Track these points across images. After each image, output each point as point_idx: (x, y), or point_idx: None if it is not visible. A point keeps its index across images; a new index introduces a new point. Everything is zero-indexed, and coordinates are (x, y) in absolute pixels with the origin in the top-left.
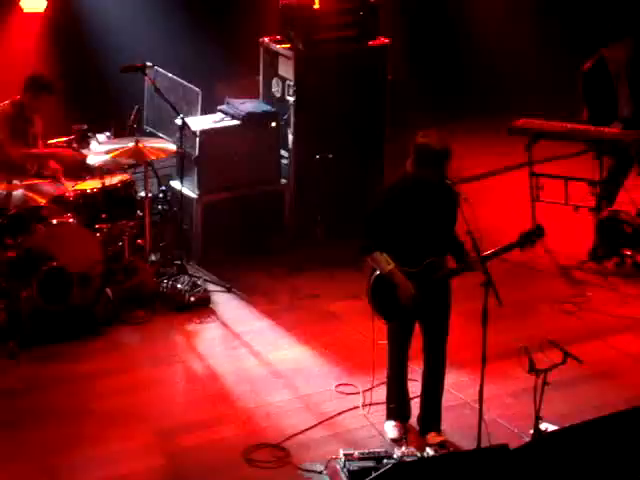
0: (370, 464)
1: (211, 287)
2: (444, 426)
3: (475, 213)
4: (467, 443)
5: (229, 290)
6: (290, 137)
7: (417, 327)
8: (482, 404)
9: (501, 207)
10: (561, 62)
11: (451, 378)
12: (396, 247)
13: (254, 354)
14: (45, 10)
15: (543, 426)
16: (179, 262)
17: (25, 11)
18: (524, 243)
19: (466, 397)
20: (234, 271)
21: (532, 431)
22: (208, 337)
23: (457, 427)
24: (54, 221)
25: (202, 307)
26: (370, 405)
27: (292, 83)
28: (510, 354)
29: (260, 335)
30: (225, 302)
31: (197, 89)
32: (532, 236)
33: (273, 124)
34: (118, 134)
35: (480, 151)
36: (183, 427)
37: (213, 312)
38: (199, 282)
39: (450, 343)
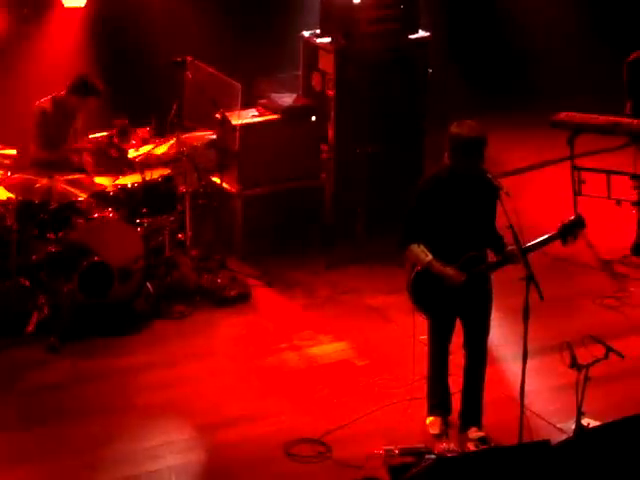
0: (411, 460)
1: (251, 282)
2: (485, 421)
3: (516, 207)
4: (508, 438)
5: (269, 285)
6: (330, 131)
7: (458, 322)
8: (523, 399)
9: (543, 201)
10: (605, 54)
11: (492, 373)
12: (435, 241)
13: (294, 349)
14: (85, 5)
15: (585, 421)
16: (219, 257)
17: (66, 6)
18: (565, 234)
19: (507, 392)
20: (274, 266)
21: (574, 426)
22: (248, 332)
23: (498, 422)
24: (95, 216)
25: (242, 302)
26: (411, 400)
27: (332, 77)
28: (552, 349)
29: (300, 330)
30: (265, 296)
31: (237, 83)
32: (573, 227)
33: (313, 118)
34: (159, 128)
35: (522, 144)
36: (224, 421)
37: (253, 306)
38: (239, 277)
39: (491, 338)
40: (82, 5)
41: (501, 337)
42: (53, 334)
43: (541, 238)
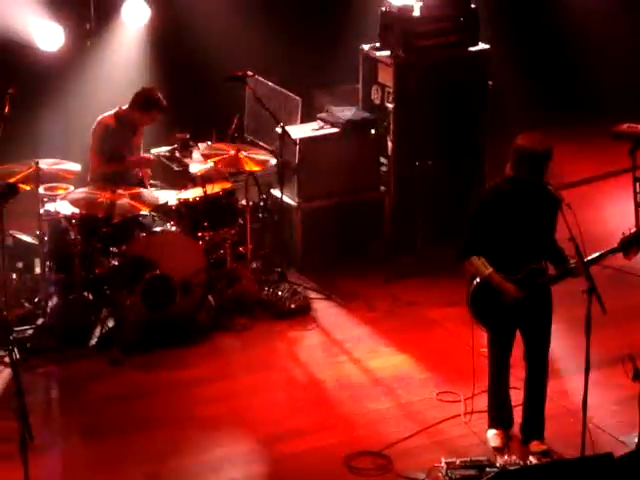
0: (472, 472)
1: (311, 294)
2: (547, 434)
3: (577, 219)
4: (570, 451)
5: (329, 297)
6: (389, 144)
7: (518, 334)
8: (586, 412)
9: (604, 213)
10: None
11: (554, 386)
12: (495, 252)
13: (354, 361)
14: (147, 21)
15: None
16: (279, 269)
17: (127, 22)
18: (627, 246)
19: (569, 405)
20: (333, 278)
21: (637, 439)
22: (308, 344)
23: (560, 435)
24: (157, 229)
25: (302, 314)
26: (472, 413)
27: (391, 90)
28: (614, 362)
29: (360, 342)
30: (325, 309)
31: (297, 97)
32: (635, 239)
33: (372, 131)
34: (219, 143)
35: (583, 156)
36: (284, 434)
37: (313, 319)
38: (299, 289)
39: (553, 351)
40: (144, 21)
41: (563, 350)
42: (116, 347)
43: (602, 251)
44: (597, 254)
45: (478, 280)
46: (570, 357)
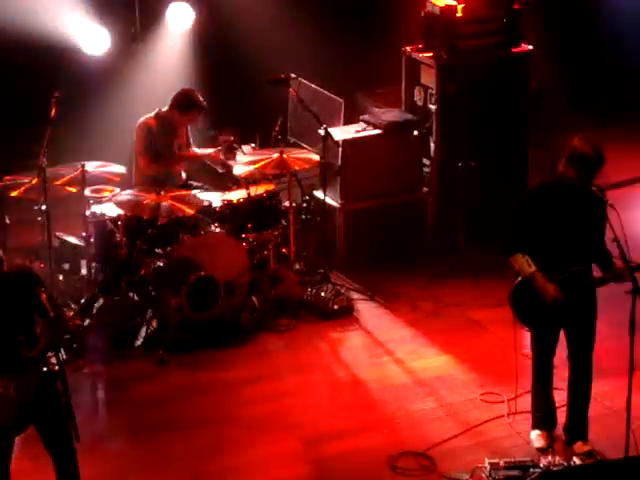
0: (516, 473)
1: (354, 295)
2: (591, 435)
3: (622, 220)
4: (614, 452)
5: (372, 298)
6: (432, 145)
7: (562, 335)
8: (630, 413)
9: None
10: None
11: (598, 387)
12: (539, 250)
13: (397, 362)
14: (192, 24)
15: None
16: (322, 270)
17: (172, 25)
18: None
19: (613, 406)
20: (376, 279)
21: None
22: (351, 345)
23: (604, 436)
24: (202, 231)
25: (345, 315)
26: (515, 414)
27: (434, 91)
28: None
29: (403, 343)
30: (368, 310)
31: (339, 99)
32: None
33: (415, 133)
34: (263, 145)
35: (627, 156)
36: (328, 434)
37: (356, 320)
38: (342, 290)
39: (597, 351)
40: (189, 24)
41: (607, 350)
42: (161, 347)
43: None
44: None
45: (520, 279)
46: (614, 358)
